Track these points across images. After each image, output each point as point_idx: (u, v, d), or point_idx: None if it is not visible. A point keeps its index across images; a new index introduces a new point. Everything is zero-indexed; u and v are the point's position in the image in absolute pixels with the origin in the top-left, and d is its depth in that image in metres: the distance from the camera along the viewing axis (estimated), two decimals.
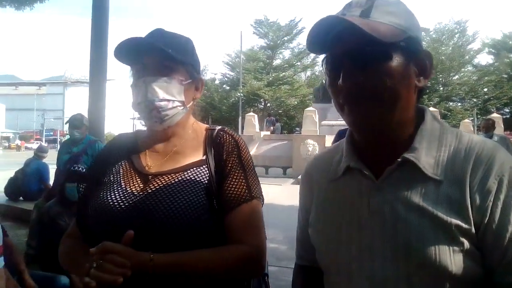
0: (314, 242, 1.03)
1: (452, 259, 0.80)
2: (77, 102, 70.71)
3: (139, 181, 1.19)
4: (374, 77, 0.83)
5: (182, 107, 1.22)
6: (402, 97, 0.86)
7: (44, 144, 12.29)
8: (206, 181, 1.17)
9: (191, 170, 1.19)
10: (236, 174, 1.20)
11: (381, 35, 0.79)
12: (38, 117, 69.15)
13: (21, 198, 7.77)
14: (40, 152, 8.23)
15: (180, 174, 1.18)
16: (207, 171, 1.19)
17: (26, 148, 49.15)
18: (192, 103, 1.28)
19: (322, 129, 17.65)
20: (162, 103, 1.17)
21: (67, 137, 5.67)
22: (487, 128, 8.68)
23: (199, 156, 1.23)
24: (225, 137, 1.25)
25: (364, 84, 0.83)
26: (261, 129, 20.29)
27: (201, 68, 1.35)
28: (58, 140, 53.31)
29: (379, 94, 0.83)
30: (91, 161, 1.38)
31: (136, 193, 1.15)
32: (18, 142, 57.69)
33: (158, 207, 1.10)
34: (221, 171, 1.20)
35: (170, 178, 1.17)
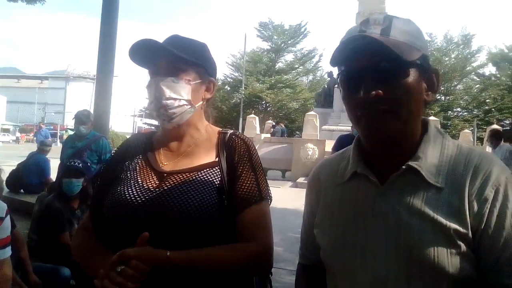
0: (320, 242, 1.09)
1: (449, 261, 0.86)
2: (79, 97, 70.73)
3: (155, 178, 1.25)
4: (393, 92, 0.89)
5: (189, 106, 1.27)
6: (415, 111, 0.93)
7: (49, 138, 12.28)
8: (218, 182, 1.24)
9: (204, 170, 1.25)
10: (247, 176, 1.26)
11: (404, 53, 0.86)
12: (39, 110, 69.18)
13: (21, 190, 7.81)
14: (43, 146, 8.27)
15: (194, 174, 1.24)
16: (219, 173, 1.26)
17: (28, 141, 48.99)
18: (202, 103, 1.34)
19: (323, 134, 17.69)
20: (169, 102, 1.23)
21: (69, 131, 5.72)
22: (496, 139, 8.48)
23: (212, 157, 1.30)
24: (237, 141, 1.32)
25: (384, 97, 0.88)
26: (261, 131, 20.33)
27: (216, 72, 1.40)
28: (58, 134, 53.23)
29: (397, 108, 0.90)
30: (107, 159, 1.43)
31: (152, 189, 1.22)
32: (18, 134, 57.63)
33: (173, 204, 1.17)
34: (233, 173, 1.26)
35: (184, 176, 1.24)
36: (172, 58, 1.23)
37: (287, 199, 8.65)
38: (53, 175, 6.57)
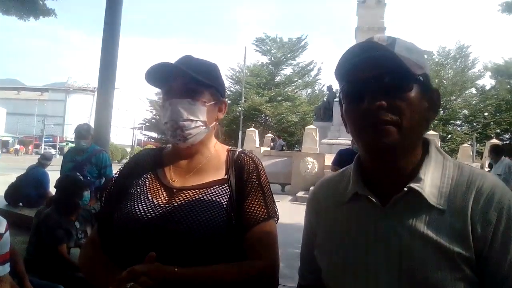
0: (320, 264, 1.08)
1: (453, 285, 0.85)
2: (78, 109, 70.92)
3: (164, 194, 1.26)
4: (397, 103, 0.89)
5: (204, 127, 1.30)
6: (416, 127, 0.92)
7: (49, 151, 12.27)
8: (227, 199, 1.25)
9: (214, 187, 1.27)
10: (255, 195, 1.28)
11: (410, 67, 0.87)
12: (38, 122, 69.20)
13: (20, 203, 7.78)
14: (43, 160, 8.25)
15: (203, 191, 1.26)
16: (228, 190, 1.27)
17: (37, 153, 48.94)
18: (215, 123, 1.37)
19: (322, 148, 17.72)
20: (186, 123, 1.26)
21: (68, 144, 5.74)
22: (496, 153, 8.43)
23: (221, 175, 1.31)
24: (245, 159, 1.34)
25: (388, 108, 0.89)
26: (261, 144, 20.34)
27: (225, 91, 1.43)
28: (57, 146, 53.19)
29: (399, 119, 0.89)
30: (115, 173, 1.44)
31: (162, 205, 1.23)
32: (17, 146, 57.57)
33: (183, 220, 1.18)
34: (241, 191, 1.28)
35: (194, 193, 1.25)
36: (188, 79, 1.25)
37: (286, 213, 8.59)
38: (52, 189, 6.55)
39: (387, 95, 0.89)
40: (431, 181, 0.93)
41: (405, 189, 0.92)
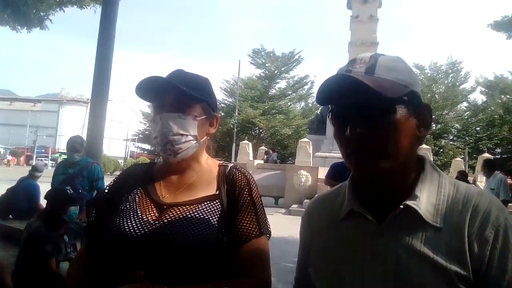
0: (315, 282, 1.06)
1: None
2: (71, 121, 70.55)
3: (154, 210, 1.24)
4: (379, 130, 0.89)
5: (195, 141, 1.28)
6: (405, 148, 0.91)
7: (41, 163, 12.15)
8: (218, 216, 1.23)
9: (205, 203, 1.25)
10: (247, 211, 1.26)
11: (387, 91, 0.85)
12: (30, 133, 68.73)
13: (10, 216, 7.66)
14: (34, 172, 8.15)
15: (194, 207, 1.24)
16: (220, 206, 1.25)
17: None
18: (206, 138, 1.35)
19: (316, 161, 17.74)
20: (176, 137, 1.24)
21: (61, 155, 5.69)
22: (489, 168, 8.41)
23: (212, 190, 1.29)
24: (237, 175, 1.32)
25: (370, 136, 0.89)
26: (254, 157, 20.33)
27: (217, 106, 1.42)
28: (50, 157, 52.77)
29: (384, 146, 0.89)
30: (104, 188, 1.41)
31: (152, 221, 1.20)
32: (9, 157, 57.04)
33: (173, 237, 1.15)
34: (233, 206, 1.26)
35: (184, 209, 1.23)
36: (179, 93, 1.24)
37: (280, 226, 8.54)
38: (43, 201, 6.48)
39: (369, 122, 0.89)
40: (427, 199, 0.92)
41: (401, 206, 0.91)
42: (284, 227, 8.90)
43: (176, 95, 1.25)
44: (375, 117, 0.89)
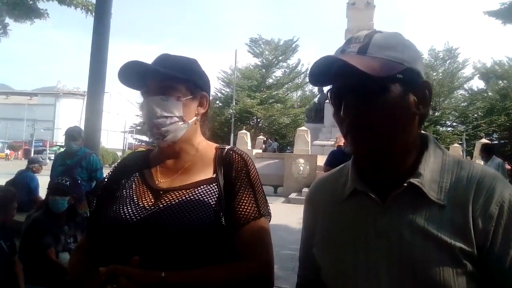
0: (319, 262, 1.06)
1: (455, 280, 0.84)
2: (68, 114, 70.32)
3: (150, 196, 1.23)
4: (372, 109, 0.89)
5: (182, 123, 1.26)
6: (401, 126, 0.91)
7: (38, 156, 12.08)
8: (216, 199, 1.22)
9: (201, 187, 1.23)
10: (245, 193, 1.24)
11: (374, 70, 0.84)
12: (28, 127, 68.49)
13: None
14: (31, 164, 8.14)
15: (190, 191, 1.22)
16: (217, 189, 1.24)
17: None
18: (196, 119, 1.32)
19: (314, 149, 17.78)
20: (160, 120, 1.23)
21: (57, 148, 5.65)
22: (488, 153, 8.46)
23: (209, 174, 1.27)
24: (234, 157, 1.30)
25: (363, 115, 0.89)
26: (253, 146, 20.34)
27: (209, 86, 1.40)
28: (48, 151, 52.61)
29: (377, 124, 0.89)
30: (104, 177, 1.42)
31: (148, 207, 1.19)
32: (7, 151, 56.95)
33: (168, 222, 1.14)
34: (231, 189, 1.24)
35: (180, 194, 1.22)
36: (160, 77, 1.23)
37: (279, 215, 8.57)
38: (43, 193, 6.47)
39: (362, 102, 0.89)
40: (430, 176, 0.92)
41: (405, 184, 0.91)
42: (284, 215, 8.96)
43: (157, 79, 1.24)
44: (367, 97, 0.89)
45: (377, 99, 0.89)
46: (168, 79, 1.24)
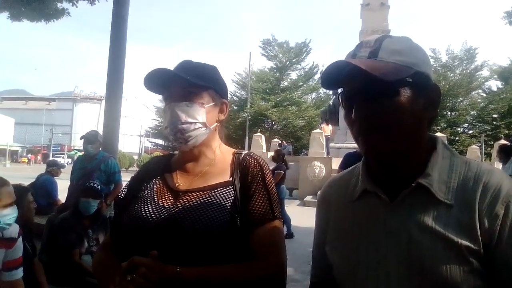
0: (331, 260, 1.10)
1: (462, 278, 0.86)
2: (86, 118, 71.47)
3: (170, 197, 1.30)
4: (381, 112, 0.92)
5: (204, 128, 1.32)
6: (410, 129, 0.94)
7: (57, 159, 12.30)
8: (231, 201, 1.27)
9: (218, 189, 1.29)
10: (260, 195, 1.29)
11: (385, 75, 0.87)
12: (46, 132, 69.81)
13: None
14: (50, 167, 8.28)
15: (207, 192, 1.28)
16: (233, 192, 1.29)
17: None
18: (216, 125, 1.39)
19: (329, 151, 17.69)
20: (185, 126, 1.29)
21: (77, 153, 5.77)
22: (506, 154, 8.31)
23: (226, 177, 1.33)
24: (250, 161, 1.35)
25: (374, 118, 0.92)
26: (267, 149, 20.34)
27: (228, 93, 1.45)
28: (66, 155, 53.51)
29: (386, 127, 0.92)
30: (128, 181, 1.51)
31: (167, 207, 1.26)
32: (29, 156, 58.06)
33: (186, 221, 1.21)
34: (246, 192, 1.29)
35: (198, 195, 1.28)
36: (185, 83, 1.29)
37: (295, 218, 8.60)
38: (62, 196, 6.59)
39: (372, 105, 0.92)
40: (439, 177, 0.95)
41: (413, 184, 0.94)
42: (299, 218, 8.95)
43: (182, 85, 1.29)
44: (378, 99, 0.92)
45: (387, 102, 0.92)
46: (192, 86, 1.30)
